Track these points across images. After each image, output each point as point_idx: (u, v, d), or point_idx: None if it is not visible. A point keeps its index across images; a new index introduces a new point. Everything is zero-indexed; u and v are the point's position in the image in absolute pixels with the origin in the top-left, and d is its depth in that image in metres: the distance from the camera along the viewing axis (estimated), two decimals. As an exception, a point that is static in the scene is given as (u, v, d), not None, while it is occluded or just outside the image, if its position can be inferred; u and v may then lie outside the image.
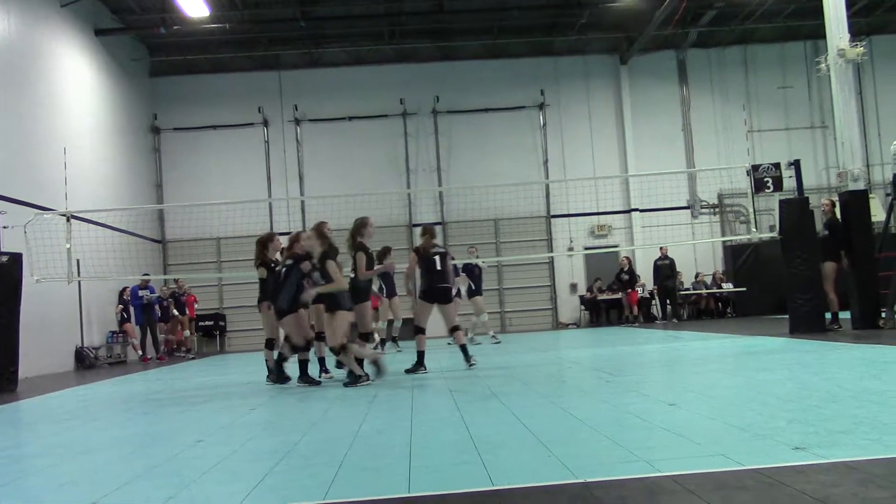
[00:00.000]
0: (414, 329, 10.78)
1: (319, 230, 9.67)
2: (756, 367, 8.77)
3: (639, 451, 4.36)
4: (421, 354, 10.43)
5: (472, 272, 17.05)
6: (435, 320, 11.18)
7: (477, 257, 17.57)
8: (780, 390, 6.62)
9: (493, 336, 17.48)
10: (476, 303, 17.10)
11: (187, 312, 21.46)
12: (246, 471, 4.60)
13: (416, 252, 10.99)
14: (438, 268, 10.67)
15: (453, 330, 10.87)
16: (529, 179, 24.62)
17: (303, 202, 24.66)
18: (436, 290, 10.68)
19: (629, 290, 23.69)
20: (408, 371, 10.34)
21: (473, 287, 17.00)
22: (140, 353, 19.85)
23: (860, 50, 14.01)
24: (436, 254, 10.75)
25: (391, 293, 16.09)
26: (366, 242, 10.05)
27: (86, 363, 18.04)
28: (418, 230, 12.35)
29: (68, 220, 14.52)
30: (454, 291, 12.05)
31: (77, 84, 19.68)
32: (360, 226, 10.27)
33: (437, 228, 23.11)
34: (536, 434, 5.08)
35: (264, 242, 10.79)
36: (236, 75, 25.52)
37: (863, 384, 6.76)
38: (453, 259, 12.27)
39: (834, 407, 5.49)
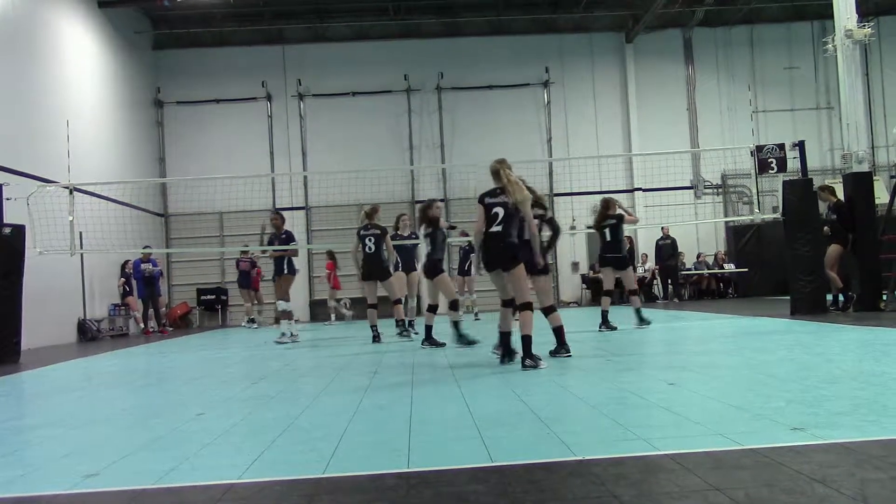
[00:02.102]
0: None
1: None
2: (756, 348, 8.78)
3: (638, 430, 4.37)
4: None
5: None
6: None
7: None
8: (779, 371, 6.63)
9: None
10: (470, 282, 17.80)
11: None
12: (246, 444, 4.62)
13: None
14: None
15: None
16: (533, 157, 24.56)
17: (305, 177, 24.64)
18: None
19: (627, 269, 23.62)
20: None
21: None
22: (142, 325, 19.92)
23: (867, 30, 13.93)
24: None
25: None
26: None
27: (88, 335, 18.12)
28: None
29: (71, 192, 14.52)
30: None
31: (80, 56, 19.61)
32: (427, 207, 11.07)
33: (441, 205, 23.23)
34: (536, 411, 5.10)
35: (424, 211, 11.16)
36: (240, 49, 25.42)
37: (863, 366, 6.77)
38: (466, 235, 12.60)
39: (833, 388, 5.50)
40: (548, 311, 8.41)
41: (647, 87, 25.92)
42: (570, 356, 8.18)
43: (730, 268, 24.17)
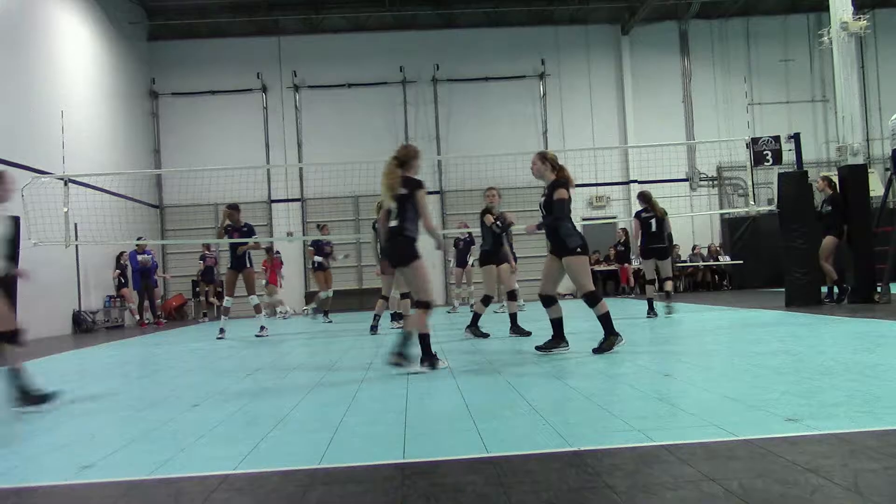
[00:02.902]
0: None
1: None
2: (751, 340, 8.80)
3: (632, 421, 4.38)
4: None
5: (457, 245, 18.04)
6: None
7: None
8: (773, 362, 6.65)
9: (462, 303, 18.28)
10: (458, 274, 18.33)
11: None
12: (241, 435, 4.62)
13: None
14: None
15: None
16: (528, 149, 24.48)
17: (301, 169, 24.60)
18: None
19: (624, 264, 23.72)
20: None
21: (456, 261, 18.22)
22: (137, 317, 19.90)
23: (863, 23, 13.91)
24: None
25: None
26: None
27: (83, 327, 18.10)
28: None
29: (66, 183, 14.48)
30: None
31: (74, 47, 19.54)
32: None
33: (435, 198, 23.21)
34: (531, 403, 5.11)
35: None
36: (235, 40, 25.35)
37: (856, 357, 6.79)
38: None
39: (827, 379, 5.52)
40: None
41: (642, 79, 25.91)
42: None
43: (725, 260, 24.22)
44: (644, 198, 13.15)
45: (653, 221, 12.88)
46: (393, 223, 7.20)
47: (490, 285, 10.94)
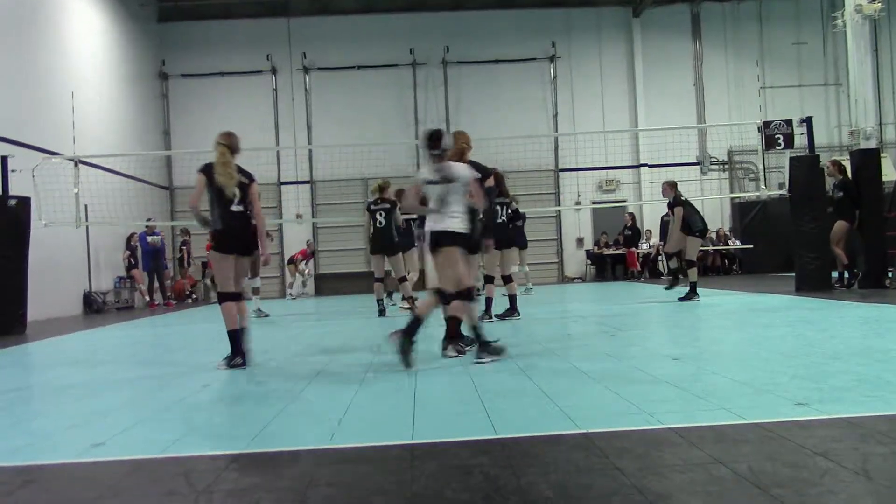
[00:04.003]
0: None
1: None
2: (760, 324, 8.78)
3: (642, 404, 4.38)
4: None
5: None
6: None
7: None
8: (783, 346, 6.64)
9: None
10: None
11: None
12: (252, 415, 4.65)
13: None
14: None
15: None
16: (538, 132, 24.47)
17: (310, 151, 24.59)
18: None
19: (631, 248, 23.67)
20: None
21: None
22: (147, 298, 19.98)
23: (878, 5, 13.79)
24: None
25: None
26: None
27: (94, 307, 18.18)
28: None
29: (76, 164, 14.52)
30: None
31: (85, 28, 19.52)
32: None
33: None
34: (540, 386, 5.12)
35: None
36: (245, 21, 25.28)
37: (866, 342, 6.78)
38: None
39: (837, 364, 5.50)
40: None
41: (654, 62, 25.74)
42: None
43: (735, 244, 24.13)
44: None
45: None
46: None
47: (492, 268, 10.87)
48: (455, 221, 6.50)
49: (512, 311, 10.75)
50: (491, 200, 6.87)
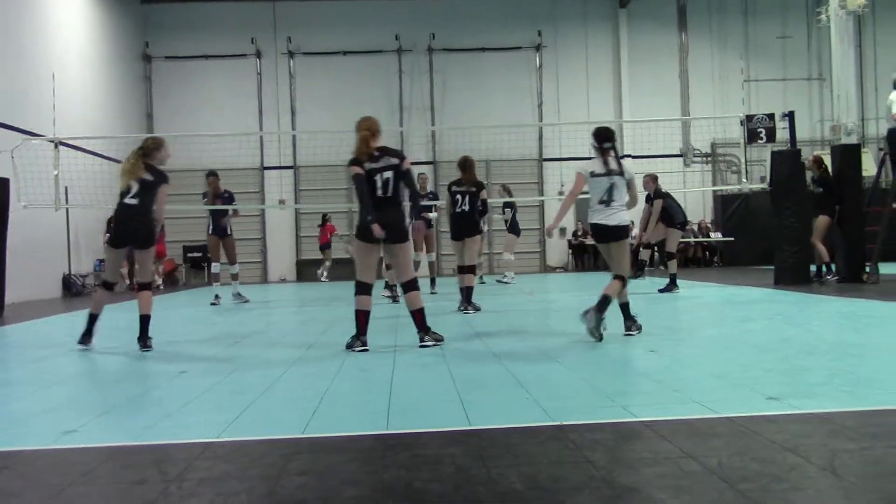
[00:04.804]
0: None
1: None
2: (738, 317, 8.85)
3: (616, 397, 4.41)
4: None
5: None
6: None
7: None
8: (759, 340, 6.69)
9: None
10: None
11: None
12: (227, 403, 4.64)
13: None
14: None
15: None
16: (523, 121, 24.47)
17: (294, 137, 24.47)
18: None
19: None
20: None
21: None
22: (128, 282, 19.86)
23: (862, 1, 13.85)
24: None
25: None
26: None
27: (73, 290, 18.08)
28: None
29: (56, 146, 14.38)
30: None
31: (67, 8, 19.32)
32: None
33: (429, 168, 23.13)
34: (516, 376, 5.14)
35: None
36: (230, 4, 25.08)
37: (841, 337, 6.84)
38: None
39: (811, 359, 5.55)
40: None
41: (639, 53, 25.76)
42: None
43: (716, 236, 24.25)
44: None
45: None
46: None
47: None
48: (623, 214, 7.01)
49: (467, 304, 10.16)
50: (412, 187, 6.97)
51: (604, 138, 7.06)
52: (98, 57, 21.20)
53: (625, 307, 7.16)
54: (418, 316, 6.89)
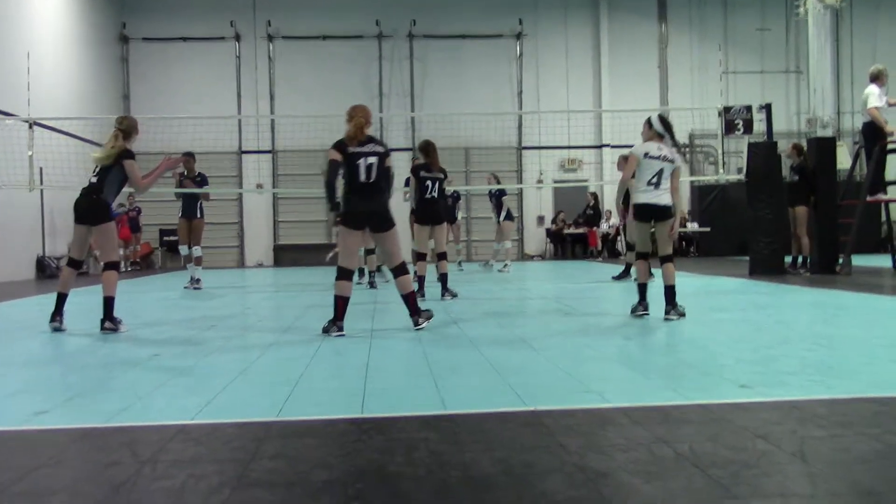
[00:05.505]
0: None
1: None
2: (712, 307, 8.92)
3: (591, 383, 4.43)
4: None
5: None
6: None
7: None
8: (732, 330, 6.75)
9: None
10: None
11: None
12: (201, 386, 4.61)
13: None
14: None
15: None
16: (503, 110, 24.46)
17: (273, 121, 24.34)
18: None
19: (593, 228, 23.82)
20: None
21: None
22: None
23: (840, -5, 13.94)
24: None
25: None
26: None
27: (47, 272, 17.91)
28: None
29: (31, 126, 14.21)
30: None
31: (42, -14, 19.06)
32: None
33: (406, 154, 23.07)
34: (492, 362, 5.15)
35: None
36: (209, -14, 24.84)
37: (813, 327, 6.92)
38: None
39: (783, 348, 5.60)
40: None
41: (619, 42, 25.79)
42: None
43: (693, 227, 24.40)
44: None
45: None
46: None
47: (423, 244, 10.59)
48: (669, 197, 7.47)
49: (444, 290, 10.05)
50: (389, 183, 7.02)
51: (667, 125, 7.70)
52: (74, 37, 20.94)
53: (643, 288, 7.66)
54: (410, 299, 6.91)
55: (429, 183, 10.27)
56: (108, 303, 7.18)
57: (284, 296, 12.27)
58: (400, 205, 11.49)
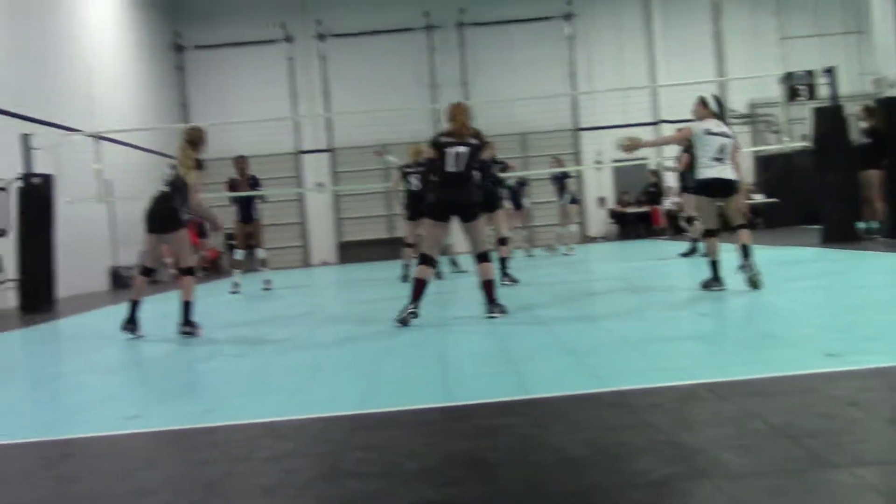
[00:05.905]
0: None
1: None
2: (787, 277, 8.74)
3: (671, 360, 4.39)
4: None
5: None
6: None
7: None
8: (809, 298, 6.61)
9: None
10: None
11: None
12: (282, 384, 4.68)
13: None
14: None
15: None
16: (556, 92, 24.25)
17: (328, 119, 24.53)
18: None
19: (655, 206, 23.53)
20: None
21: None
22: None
23: (899, -52, 13.47)
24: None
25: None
26: None
27: (121, 283, 18.33)
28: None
29: (96, 140, 14.56)
30: None
31: (97, 2, 19.47)
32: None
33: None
34: (567, 344, 5.13)
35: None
36: (257, -10, 25.12)
37: (893, 291, 6.73)
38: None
39: (864, 314, 5.47)
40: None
41: (671, 15, 25.33)
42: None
43: (759, 198, 23.91)
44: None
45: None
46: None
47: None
48: (733, 170, 7.60)
49: (503, 276, 9.88)
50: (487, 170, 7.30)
51: (721, 105, 7.97)
52: (132, 50, 21.36)
53: (714, 265, 7.72)
54: (488, 287, 6.90)
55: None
56: (187, 307, 7.29)
57: (353, 291, 12.39)
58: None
